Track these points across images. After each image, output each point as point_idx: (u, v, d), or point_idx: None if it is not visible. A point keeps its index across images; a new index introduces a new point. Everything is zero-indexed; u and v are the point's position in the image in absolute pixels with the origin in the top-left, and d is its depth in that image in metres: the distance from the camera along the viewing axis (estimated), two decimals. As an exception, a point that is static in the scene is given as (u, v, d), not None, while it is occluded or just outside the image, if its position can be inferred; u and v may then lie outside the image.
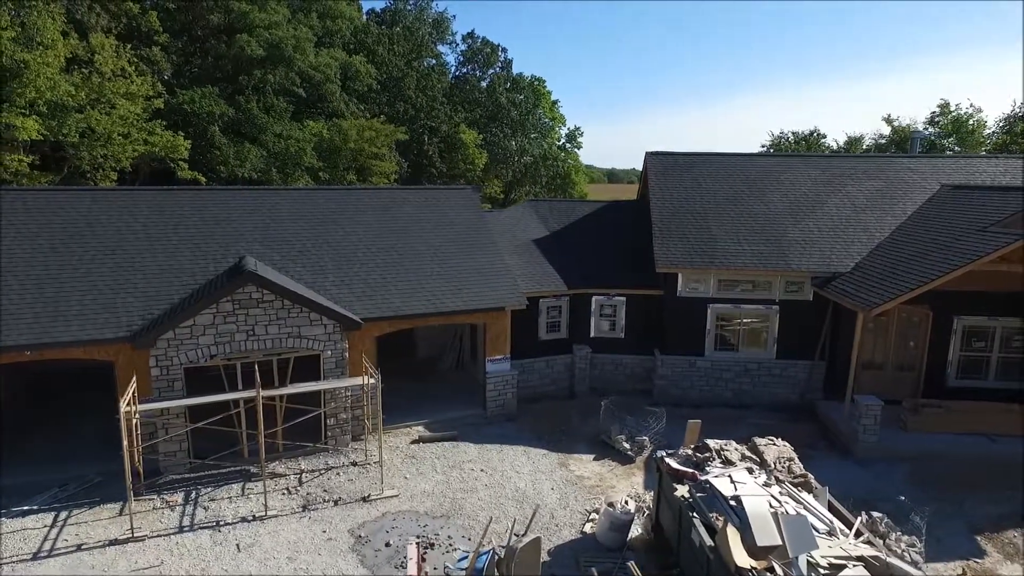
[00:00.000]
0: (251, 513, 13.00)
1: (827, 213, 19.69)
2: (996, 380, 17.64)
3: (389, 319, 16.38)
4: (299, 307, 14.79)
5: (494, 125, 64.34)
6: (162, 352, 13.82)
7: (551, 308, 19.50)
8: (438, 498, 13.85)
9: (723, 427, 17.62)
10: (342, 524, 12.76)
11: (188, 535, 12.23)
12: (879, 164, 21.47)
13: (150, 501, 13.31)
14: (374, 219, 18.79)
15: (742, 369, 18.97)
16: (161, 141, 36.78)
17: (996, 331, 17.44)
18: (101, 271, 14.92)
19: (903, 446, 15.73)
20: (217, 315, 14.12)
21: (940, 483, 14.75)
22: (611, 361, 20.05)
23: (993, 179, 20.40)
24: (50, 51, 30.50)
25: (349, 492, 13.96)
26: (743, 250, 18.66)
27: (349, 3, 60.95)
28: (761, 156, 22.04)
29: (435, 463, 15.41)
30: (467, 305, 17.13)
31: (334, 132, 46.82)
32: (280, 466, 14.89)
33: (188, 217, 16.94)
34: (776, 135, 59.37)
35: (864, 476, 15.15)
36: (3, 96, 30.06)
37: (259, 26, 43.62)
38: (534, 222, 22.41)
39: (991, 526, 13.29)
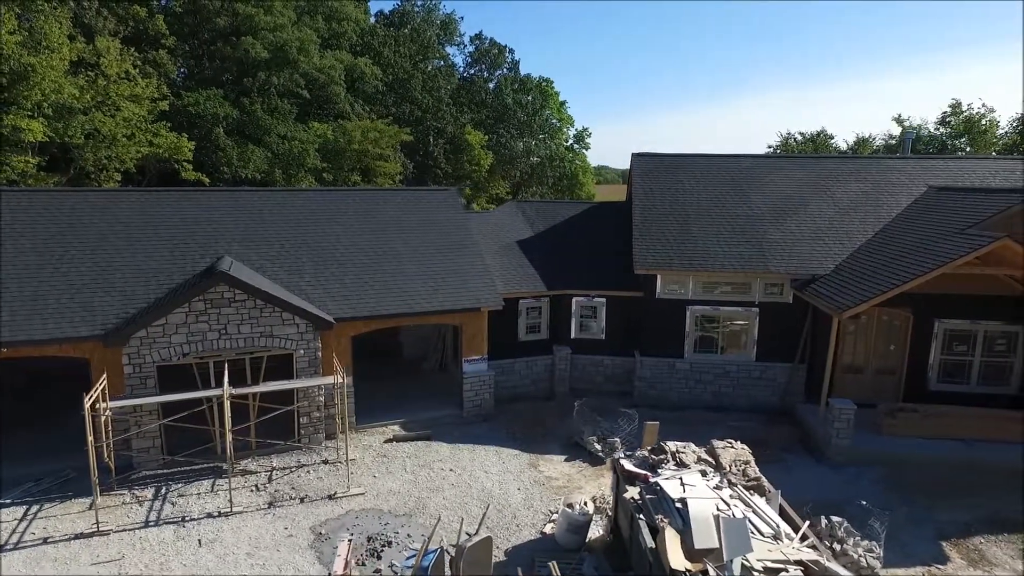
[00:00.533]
0: (217, 509, 13.22)
1: (809, 215, 19.54)
2: (979, 384, 17.40)
3: (364, 319, 16.55)
4: (271, 307, 15.01)
5: (501, 126, 64.47)
6: (135, 350, 14.10)
7: (531, 309, 19.56)
8: (403, 497, 13.98)
9: (701, 429, 17.58)
10: (305, 521, 12.93)
11: (152, 530, 12.48)
12: (865, 165, 21.25)
13: (120, 496, 13.58)
14: (355, 220, 18.99)
15: (722, 371, 18.89)
16: (165, 143, 37.42)
17: (978, 335, 17.20)
18: (80, 271, 15.25)
19: (877, 450, 15.57)
20: (189, 314, 14.38)
21: (912, 488, 14.60)
22: (592, 362, 20.06)
23: (983, 180, 20.08)
24: (55, 55, 31.12)
25: (316, 490, 14.14)
26: (723, 252, 18.58)
27: (357, 5, 61.52)
28: (746, 157, 21.86)
29: (406, 462, 15.54)
30: (442, 306, 17.25)
31: (339, 133, 47.21)
32: (252, 463, 15.12)
33: (169, 218, 17.26)
34: (784, 135, 58.99)
35: (836, 480, 15.04)
36: (10, 99, 30.72)
37: (264, 29, 44.13)
38: (519, 223, 22.48)
39: (959, 532, 13.13)
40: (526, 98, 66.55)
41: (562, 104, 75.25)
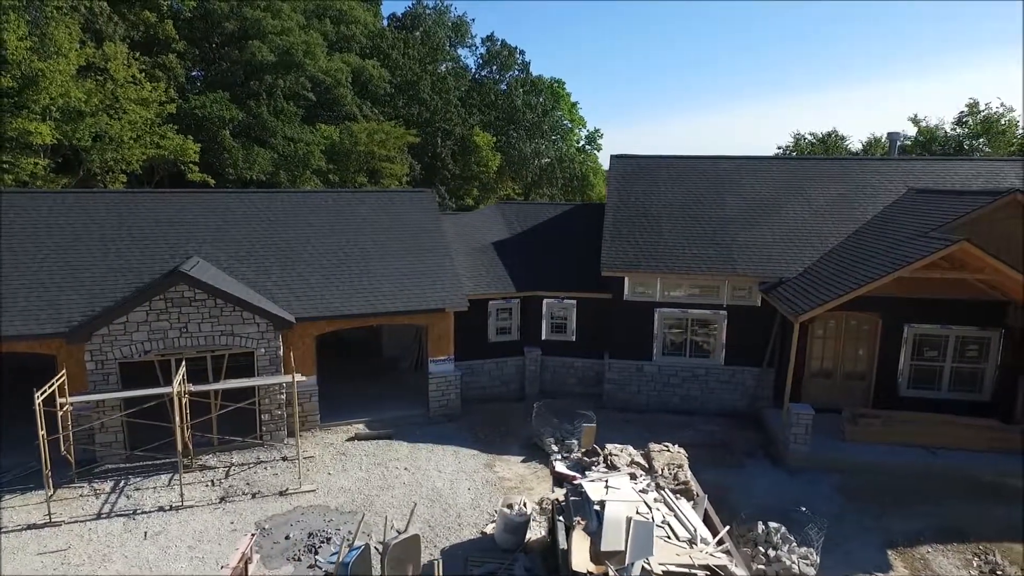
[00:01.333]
0: (169, 503, 13.58)
1: (783, 217, 19.32)
2: (950, 391, 17.05)
3: (327, 319, 16.82)
4: (231, 306, 15.34)
5: (510, 128, 64.58)
6: (97, 347, 14.55)
7: (501, 310, 19.66)
8: (353, 494, 14.19)
9: (665, 433, 17.51)
10: (252, 516, 13.21)
11: (103, 522, 12.86)
12: (846, 167, 20.90)
13: (80, 488, 14.02)
14: (327, 221, 19.29)
15: (690, 374, 18.77)
16: (172, 145, 38.26)
17: (949, 340, 16.85)
18: (51, 270, 15.77)
19: (838, 456, 15.35)
20: (150, 312, 14.79)
21: (867, 495, 14.39)
22: (562, 364, 20.09)
23: (964, 182, 19.63)
24: (63, 59, 32.04)
25: (270, 486, 14.42)
26: (691, 254, 18.47)
27: (368, 6, 62.18)
28: (725, 159, 21.66)
29: (363, 460, 15.76)
30: (406, 306, 17.44)
31: (345, 135, 47.72)
32: (213, 459, 15.47)
33: (143, 219, 17.74)
34: (795, 135, 58.14)
35: (791, 486, 14.87)
36: (20, 103, 31.68)
37: (271, 32, 44.83)
38: (498, 225, 22.59)
39: (908, 541, 12.91)
40: (536, 100, 66.56)
41: (574, 105, 75.19)
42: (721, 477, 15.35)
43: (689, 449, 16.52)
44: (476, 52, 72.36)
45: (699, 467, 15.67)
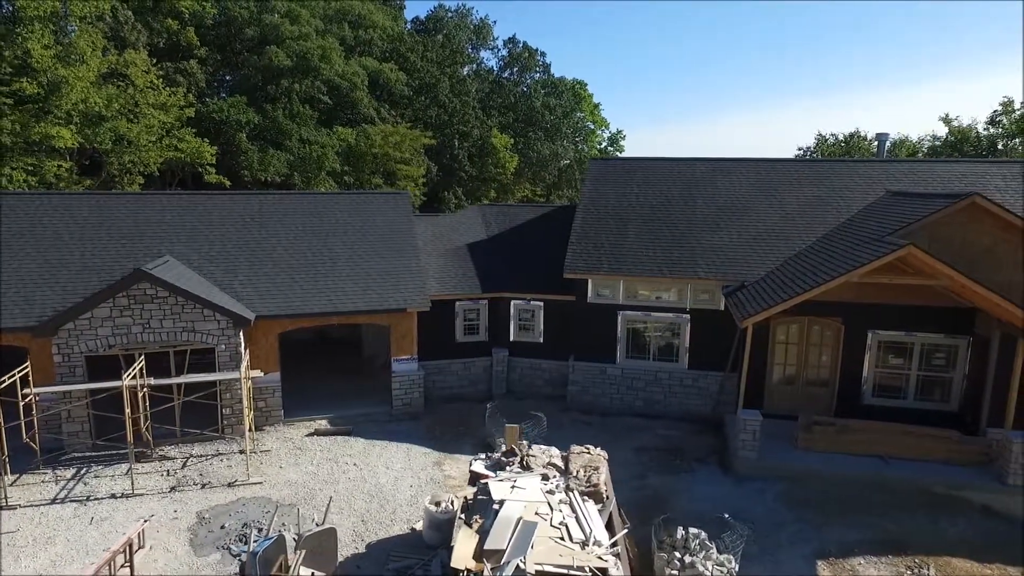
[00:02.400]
0: (122, 491, 14.23)
1: (752, 220, 19.04)
2: (916, 400, 16.56)
3: (288, 317, 17.34)
4: (192, 303, 15.96)
5: (530, 130, 64.73)
6: (63, 341, 15.33)
7: (468, 311, 19.89)
8: (297, 488, 14.62)
9: (624, 436, 17.58)
10: (195, 506, 13.75)
11: (56, 506, 13.58)
12: (822, 169, 20.45)
13: (43, 475, 14.82)
14: (300, 222, 19.84)
15: (653, 378, 18.67)
16: (189, 147, 39.70)
17: (915, 347, 16.37)
18: (30, 267, 16.69)
19: (788, 464, 15.08)
20: (114, 309, 15.51)
21: (811, 504, 14.12)
22: (530, 365, 20.21)
23: (946, 184, 19.00)
24: (84, 67, 33.58)
25: (221, 478, 14.97)
26: (654, 257, 18.38)
27: (390, 10, 63.18)
28: (702, 161, 21.39)
29: (316, 455, 16.20)
30: (368, 306, 17.84)
31: (361, 138, 48.59)
32: (174, 450, 16.14)
33: (123, 219, 18.57)
34: (817, 136, 56.80)
35: (734, 493, 14.69)
36: (45, 108, 33.30)
37: (289, 38, 45.98)
38: (476, 226, 22.83)
39: (841, 552, 12.65)
40: (556, 101, 66.53)
41: (596, 106, 74.93)
42: (667, 482, 15.29)
43: (643, 453, 16.67)
44: (498, 54, 72.82)
45: (648, 471, 15.77)
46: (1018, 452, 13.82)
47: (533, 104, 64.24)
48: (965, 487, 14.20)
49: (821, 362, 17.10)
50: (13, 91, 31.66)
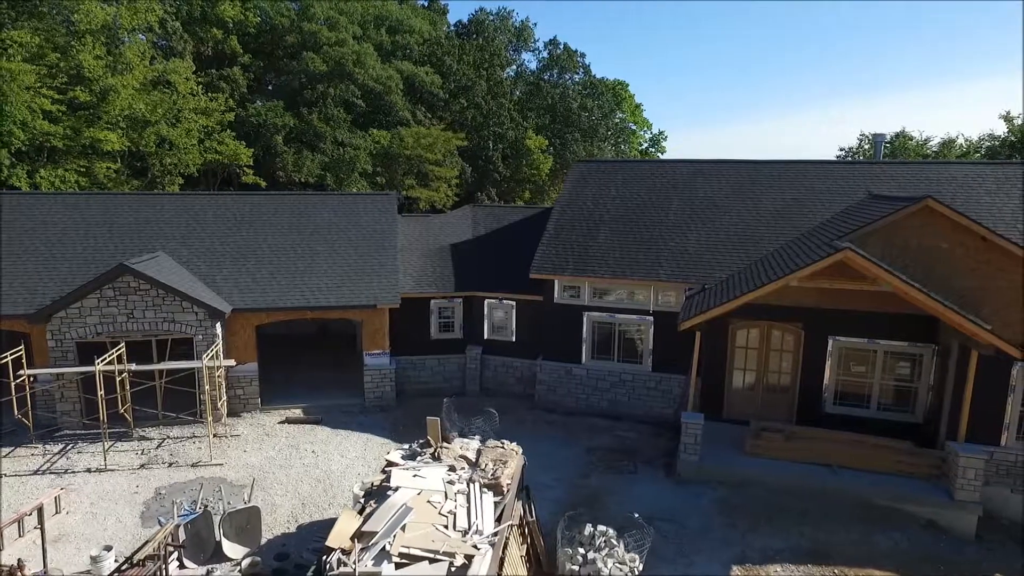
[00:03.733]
0: (96, 466, 15.54)
1: (726, 222, 18.83)
2: (879, 410, 16.05)
3: (265, 311, 18.39)
4: (172, 296, 17.19)
5: (567, 131, 64.83)
6: (56, 328, 16.83)
7: (443, 309, 20.48)
8: (253, 470, 15.56)
9: (582, 436, 17.83)
10: (156, 483, 14.89)
11: (37, 477, 14.99)
12: (806, 170, 19.94)
13: (35, 448, 16.34)
14: (287, 222, 20.92)
15: (617, 380, 18.75)
16: (228, 150, 42.02)
17: (877, 355, 15.87)
18: (36, 261, 18.37)
19: (732, 470, 14.94)
20: (101, 299, 16.91)
21: (745, 511, 13.98)
22: (503, 363, 20.61)
23: (933, 186, 18.22)
24: (131, 75, 36.15)
25: (188, 458, 16.10)
26: (620, 258, 18.46)
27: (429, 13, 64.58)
28: (685, 163, 21.20)
29: (280, 441, 17.16)
30: (339, 302, 18.70)
31: (395, 140, 49.98)
32: (154, 431, 17.42)
33: (126, 218, 20.11)
34: (860, 136, 54.56)
35: (670, 495, 14.69)
36: (95, 115, 36.02)
37: (326, 44, 47.81)
38: (464, 227, 23.40)
39: (761, 559, 12.53)
40: (593, 103, 66.34)
41: (637, 107, 74.27)
42: (608, 482, 15.42)
43: (594, 453, 16.87)
44: (539, 56, 73.20)
45: (593, 471, 15.96)
46: (965, 466, 13.27)
47: (570, 105, 64.30)
48: (910, 500, 13.73)
49: (782, 368, 16.78)
50: (68, 99, 34.44)
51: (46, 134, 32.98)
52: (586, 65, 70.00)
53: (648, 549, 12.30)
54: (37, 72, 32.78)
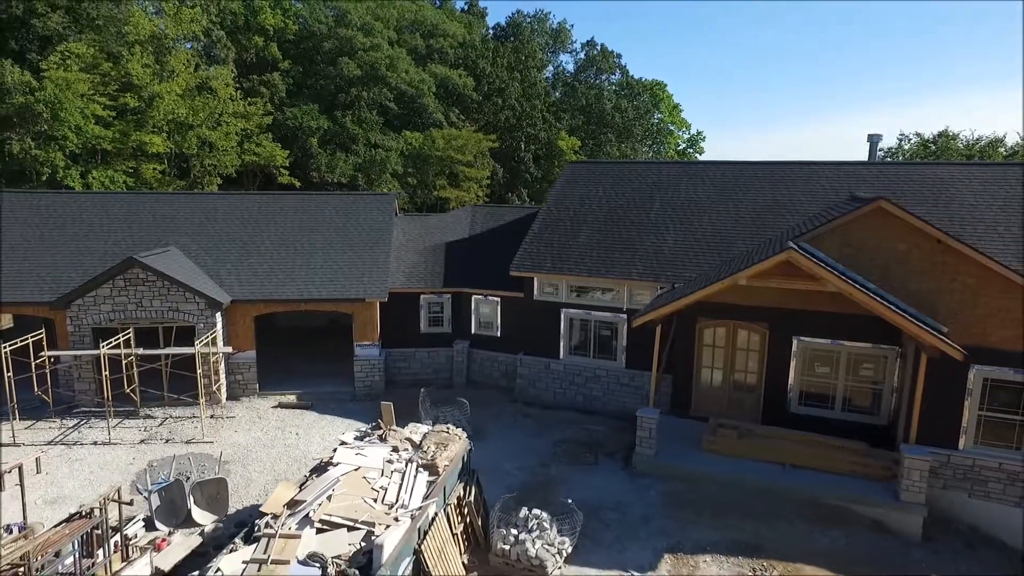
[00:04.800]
0: (102, 440, 17.13)
1: (704, 223, 19.06)
2: (844, 411, 16.05)
3: (262, 302, 19.73)
4: (176, 287, 18.70)
5: (601, 132, 64.97)
6: (75, 314, 18.58)
7: (432, 304, 21.41)
8: (238, 448, 16.85)
9: (557, 429, 18.52)
10: (151, 456, 16.32)
11: (50, 447, 16.66)
12: (791, 171, 19.91)
13: (53, 423, 18.09)
14: (290, 220, 22.27)
15: (592, 375, 19.24)
16: (265, 152, 44.29)
17: (841, 357, 15.89)
18: (64, 253, 20.24)
19: (685, 465, 15.28)
20: (113, 289, 18.56)
21: (690, 504, 14.33)
22: (488, 357, 21.37)
23: (916, 187, 17.99)
24: (172, 82, 38.65)
25: (184, 436, 17.53)
26: (597, 257, 18.94)
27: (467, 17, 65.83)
28: (672, 164, 21.49)
29: (270, 423, 18.42)
30: (331, 295, 19.86)
31: (427, 141, 51.38)
32: (158, 411, 18.98)
33: (142, 215, 21.85)
34: (900, 136, 52.69)
35: (621, 486, 15.14)
36: (142, 120, 38.68)
37: (361, 49, 49.59)
38: (461, 226, 24.28)
39: (693, 549, 12.91)
40: (628, 103, 66.21)
41: (675, 107, 73.62)
42: (565, 472, 15.99)
43: (560, 445, 17.48)
44: (576, 57, 73.55)
45: (554, 461, 16.57)
46: (910, 467, 13.27)
47: (604, 106, 64.40)
48: (859, 501, 13.80)
49: (748, 367, 16.95)
50: (118, 105, 37.13)
51: (97, 137, 35.66)
52: (622, 65, 69.89)
53: (585, 534, 12.96)
54: (91, 80, 35.50)
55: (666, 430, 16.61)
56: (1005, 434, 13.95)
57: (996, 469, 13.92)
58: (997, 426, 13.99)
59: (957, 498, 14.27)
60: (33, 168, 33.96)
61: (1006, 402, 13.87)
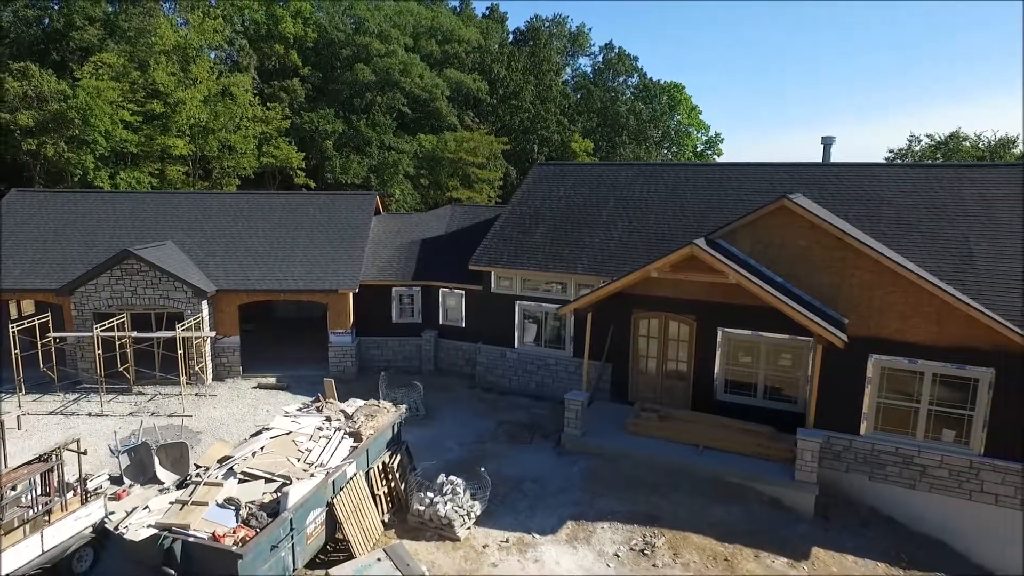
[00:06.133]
0: (96, 411, 19.22)
1: (650, 222, 20.13)
2: (765, 399, 16.98)
3: (246, 292, 21.62)
4: (166, 276, 20.73)
5: (615, 134, 65.80)
6: (78, 300, 20.77)
7: (403, 296, 22.99)
8: (211, 421, 18.71)
9: (505, 412, 19.91)
10: (135, 426, 18.26)
11: (51, 416, 18.81)
12: (738, 173, 20.82)
13: (58, 396, 20.30)
14: (277, 217, 24.17)
15: (543, 363, 20.52)
16: (282, 154, 46.71)
17: (762, 347, 16.84)
18: (73, 246, 22.53)
19: (609, 445, 16.44)
20: (111, 278, 20.69)
21: (607, 480, 15.50)
22: (454, 346, 22.85)
23: (856, 188, 18.73)
24: (194, 89, 41.28)
25: (168, 410, 19.50)
26: (548, 253, 20.22)
27: (485, 21, 67.41)
28: (629, 166, 22.49)
29: (246, 401, 20.27)
30: (307, 286, 21.63)
31: (440, 144, 53.18)
32: (150, 388, 21.03)
33: (145, 213, 24.05)
34: (910, 137, 52.10)
35: (547, 463, 16.40)
36: (167, 125, 41.42)
37: (376, 56, 51.64)
38: (439, 224, 25.82)
39: (595, 516, 14.08)
40: (642, 106, 66.88)
41: (693, 109, 73.90)
42: (499, 449, 17.35)
43: (502, 426, 18.86)
44: (595, 60, 74.49)
45: (492, 440, 17.97)
46: (803, 448, 14.21)
47: (618, 109, 65.24)
48: (760, 480, 14.78)
49: (679, 357, 17.99)
50: (145, 111, 39.92)
51: (124, 141, 38.44)
52: (639, 68, 70.57)
53: (503, 502, 14.38)
54: (120, 88, 38.31)
55: (604, 414, 17.86)
56: (902, 420, 14.75)
57: (893, 453, 14.74)
58: (894, 413, 14.80)
59: (858, 480, 15.13)
60: (67, 170, 36.91)
61: (902, 390, 14.67)
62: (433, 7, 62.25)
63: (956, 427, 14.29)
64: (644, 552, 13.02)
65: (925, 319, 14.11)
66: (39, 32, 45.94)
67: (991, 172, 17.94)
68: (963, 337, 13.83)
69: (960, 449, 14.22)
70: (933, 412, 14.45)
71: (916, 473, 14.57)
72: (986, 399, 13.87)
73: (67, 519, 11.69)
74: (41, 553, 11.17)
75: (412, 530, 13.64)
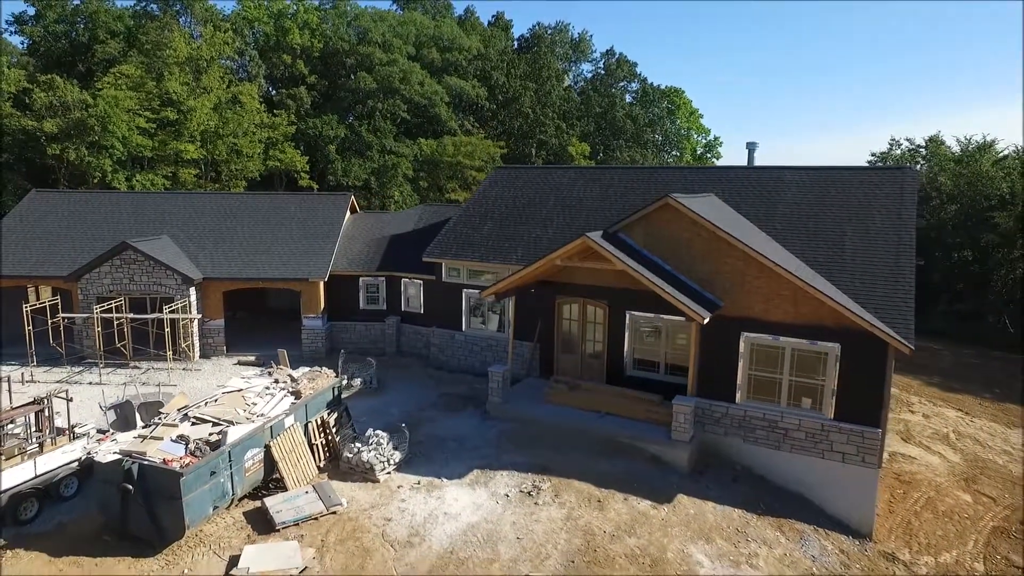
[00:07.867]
0: (95, 380, 22.26)
1: (582, 219, 22.50)
2: (667, 374, 19.25)
3: (229, 280, 24.54)
4: (159, 266, 23.73)
5: (612, 138, 67.87)
6: (84, 286, 23.89)
7: (369, 285, 25.73)
8: (194, 391, 21.48)
9: (448, 385, 22.50)
10: (126, 394, 21.24)
11: (55, 384, 21.87)
12: (666, 176, 23.09)
13: (66, 368, 23.42)
14: (261, 215, 27.10)
15: (487, 345, 23.03)
16: (287, 158, 49.94)
17: (663, 328, 19.12)
18: (83, 239, 25.71)
19: (526, 412, 18.87)
20: (111, 266, 23.77)
21: (518, 439, 17.93)
22: (413, 331, 25.49)
23: (771, 189, 20.89)
24: (205, 97, 44.64)
25: (156, 381, 22.46)
26: (491, 246, 22.72)
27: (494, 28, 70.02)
28: (573, 169, 25.02)
29: (225, 374, 23.12)
30: (281, 275, 24.47)
31: (439, 148, 55.94)
32: (145, 363, 24.06)
33: (147, 211, 27.17)
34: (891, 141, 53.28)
35: (471, 426, 18.89)
36: (179, 131, 44.83)
37: (378, 64, 54.61)
38: (409, 222, 28.51)
39: (497, 466, 16.50)
40: (640, 110, 68.86)
41: (693, 113, 75.65)
42: (434, 415, 19.94)
43: (443, 397, 21.44)
44: (597, 66, 76.69)
45: (431, 408, 20.57)
46: (677, 412, 16.52)
47: (616, 114, 67.38)
48: (645, 440, 17.10)
49: (596, 338, 20.34)
50: (159, 118, 43.37)
51: (140, 146, 41.90)
52: (639, 74, 72.63)
53: (426, 456, 16.89)
54: (137, 97, 41.80)
55: (532, 387, 20.29)
56: (769, 390, 16.97)
57: (762, 418, 16.95)
58: (763, 383, 17.02)
59: (734, 443, 17.35)
60: (88, 172, 40.46)
61: (769, 363, 16.89)
62: (437, 18, 65.16)
63: (812, 395, 16.46)
64: (530, 493, 15.45)
65: (784, 301, 16.32)
66: (67, 45, 49.92)
67: (877, 175, 20.02)
68: (814, 316, 16.01)
69: (814, 414, 16.38)
70: (793, 383, 16.64)
71: (780, 435, 16.76)
72: (834, 370, 16.03)
73: (56, 452, 14.60)
74: (34, 476, 14.07)
75: (342, 474, 16.25)
